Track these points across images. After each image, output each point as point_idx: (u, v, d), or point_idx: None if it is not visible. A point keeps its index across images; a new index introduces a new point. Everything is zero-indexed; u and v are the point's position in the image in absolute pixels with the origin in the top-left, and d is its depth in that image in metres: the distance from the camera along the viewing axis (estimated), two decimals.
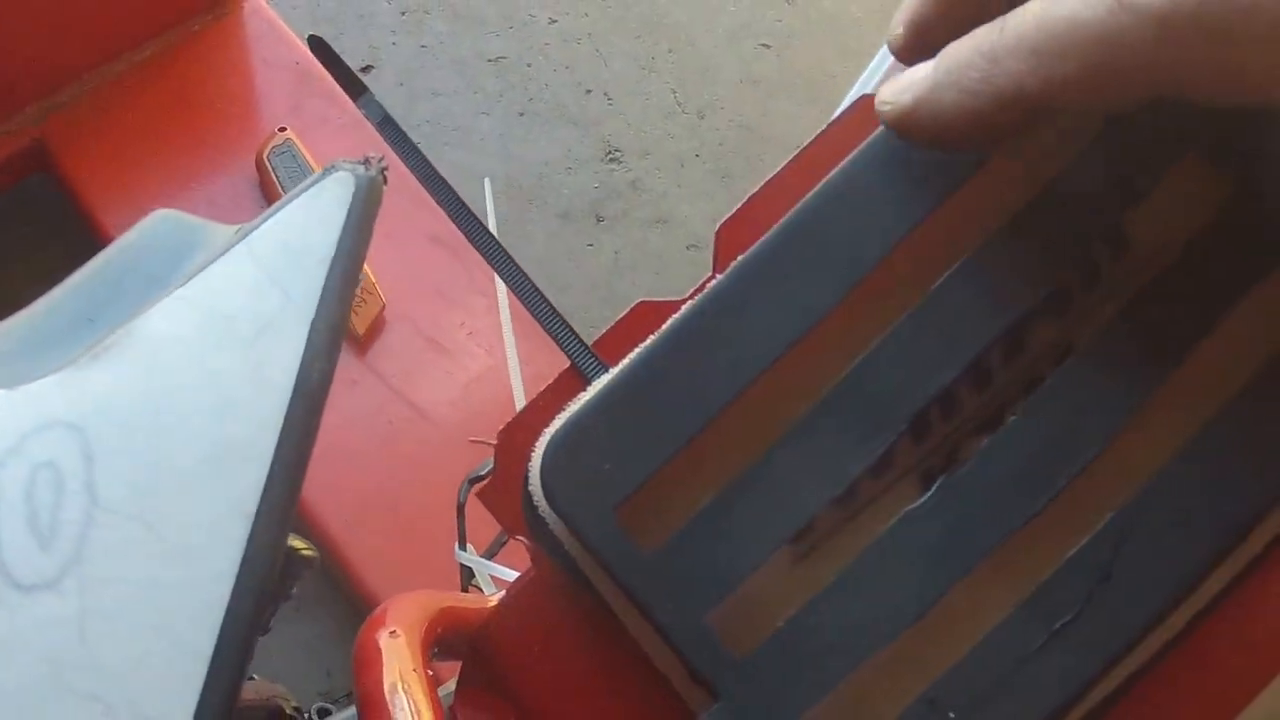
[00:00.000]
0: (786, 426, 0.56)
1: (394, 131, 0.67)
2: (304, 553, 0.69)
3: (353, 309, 1.50)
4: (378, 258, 1.55)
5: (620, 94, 2.09)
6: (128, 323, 0.56)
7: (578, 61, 2.11)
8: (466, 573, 0.94)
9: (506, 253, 0.65)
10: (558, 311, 0.65)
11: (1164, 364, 0.56)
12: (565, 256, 1.92)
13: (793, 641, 0.54)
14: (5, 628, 0.49)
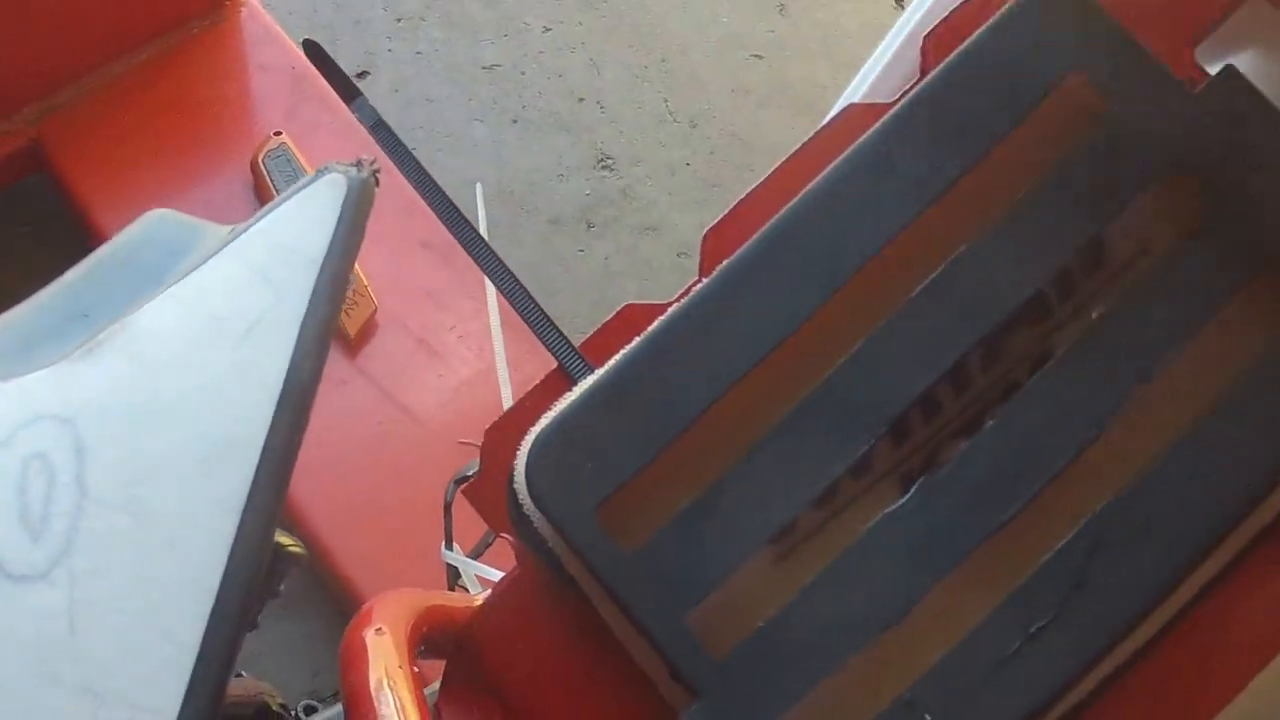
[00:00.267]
0: (768, 428, 0.57)
1: (387, 136, 0.67)
2: (292, 550, 0.69)
3: (345, 311, 1.50)
4: (370, 261, 1.55)
5: (613, 102, 2.09)
6: (121, 319, 0.57)
7: (571, 70, 2.11)
8: (453, 572, 0.95)
9: (496, 256, 0.66)
10: (545, 313, 0.65)
11: (1139, 373, 0.57)
12: (556, 262, 1.92)
13: (772, 642, 0.54)
14: None
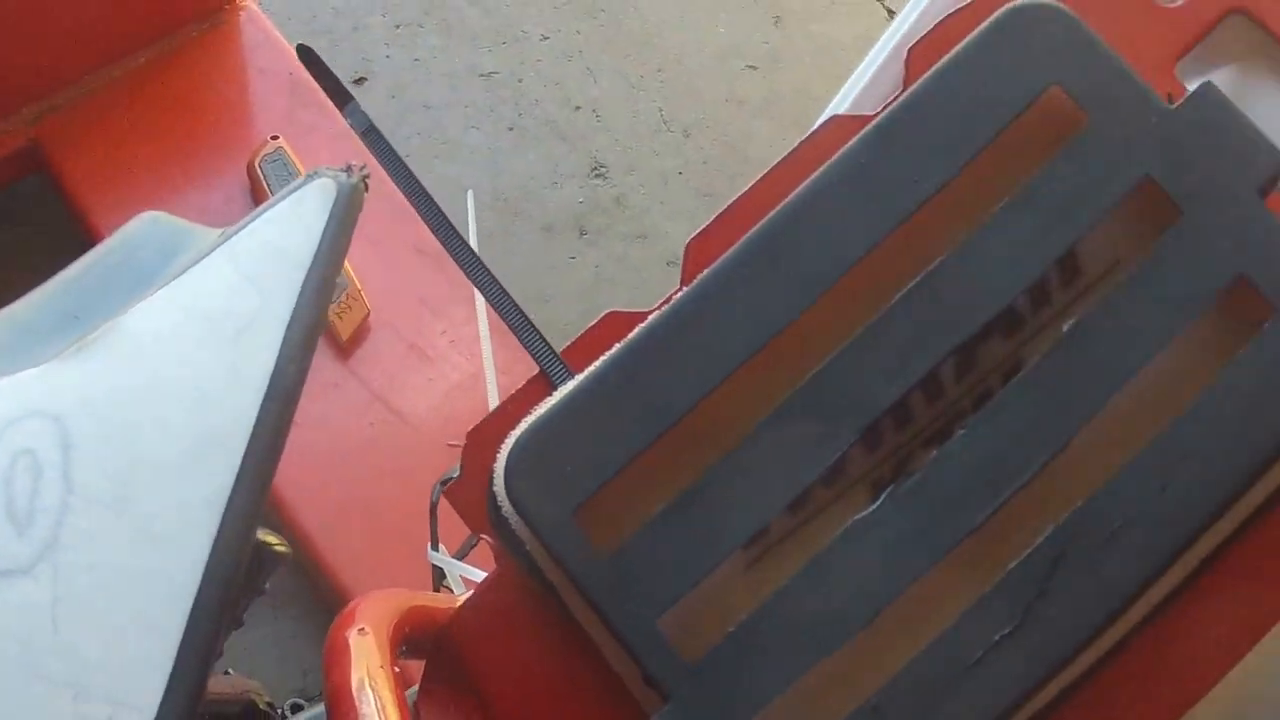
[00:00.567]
0: (743, 435, 0.58)
1: (378, 141, 0.68)
2: (277, 548, 0.70)
3: (338, 315, 1.51)
4: (364, 266, 1.56)
5: (608, 111, 2.10)
6: (111, 319, 0.58)
7: (568, 78, 2.12)
8: (438, 573, 0.95)
9: (480, 260, 0.66)
10: (528, 319, 0.66)
11: (1106, 386, 0.58)
12: (547, 269, 1.93)
13: (742, 646, 0.55)
14: None
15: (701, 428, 0.58)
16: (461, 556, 0.97)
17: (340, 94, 0.73)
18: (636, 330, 0.59)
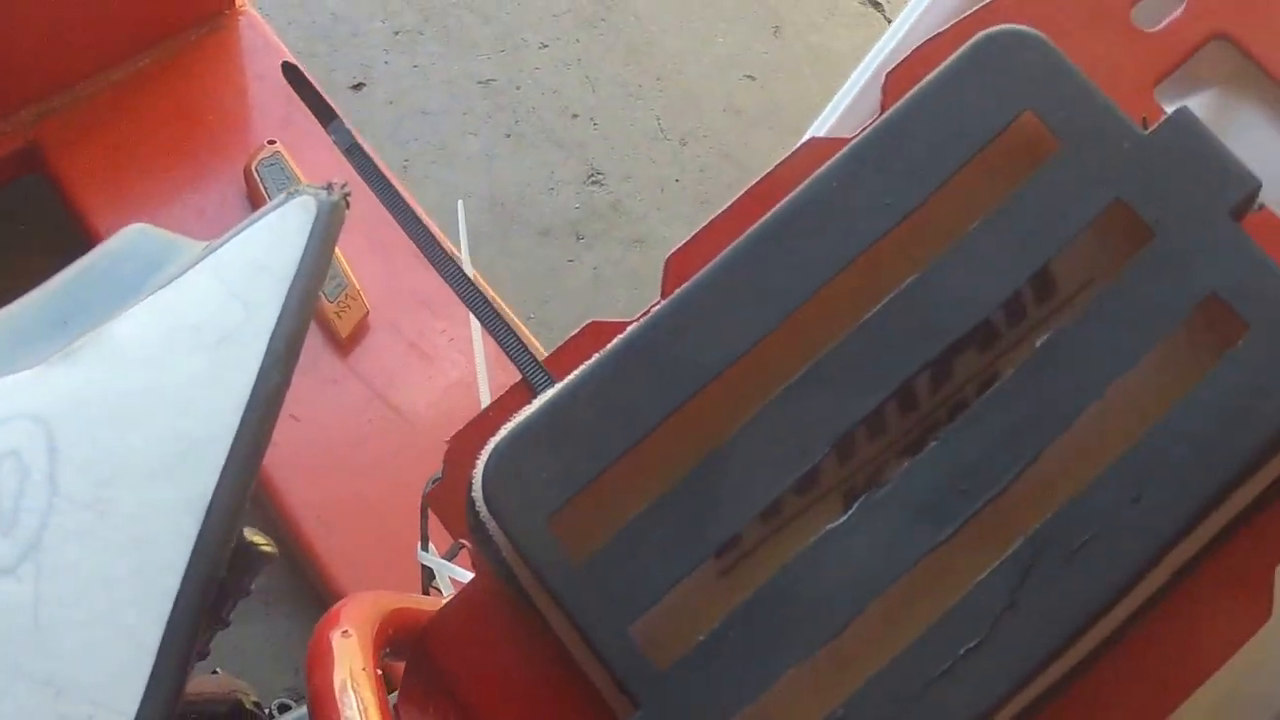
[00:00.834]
0: (717, 444, 0.59)
1: (361, 159, 0.70)
2: (263, 549, 0.71)
3: (336, 313, 1.52)
4: (364, 266, 1.58)
5: (606, 119, 2.11)
6: (98, 327, 0.59)
7: (566, 86, 2.13)
8: (427, 573, 0.96)
9: (462, 272, 0.68)
10: (510, 327, 0.67)
11: (1077, 400, 0.59)
12: (545, 272, 1.94)
13: (710, 656, 0.56)
14: None
15: (677, 437, 0.59)
16: (451, 557, 0.98)
17: (324, 112, 0.74)
18: (614, 341, 0.60)
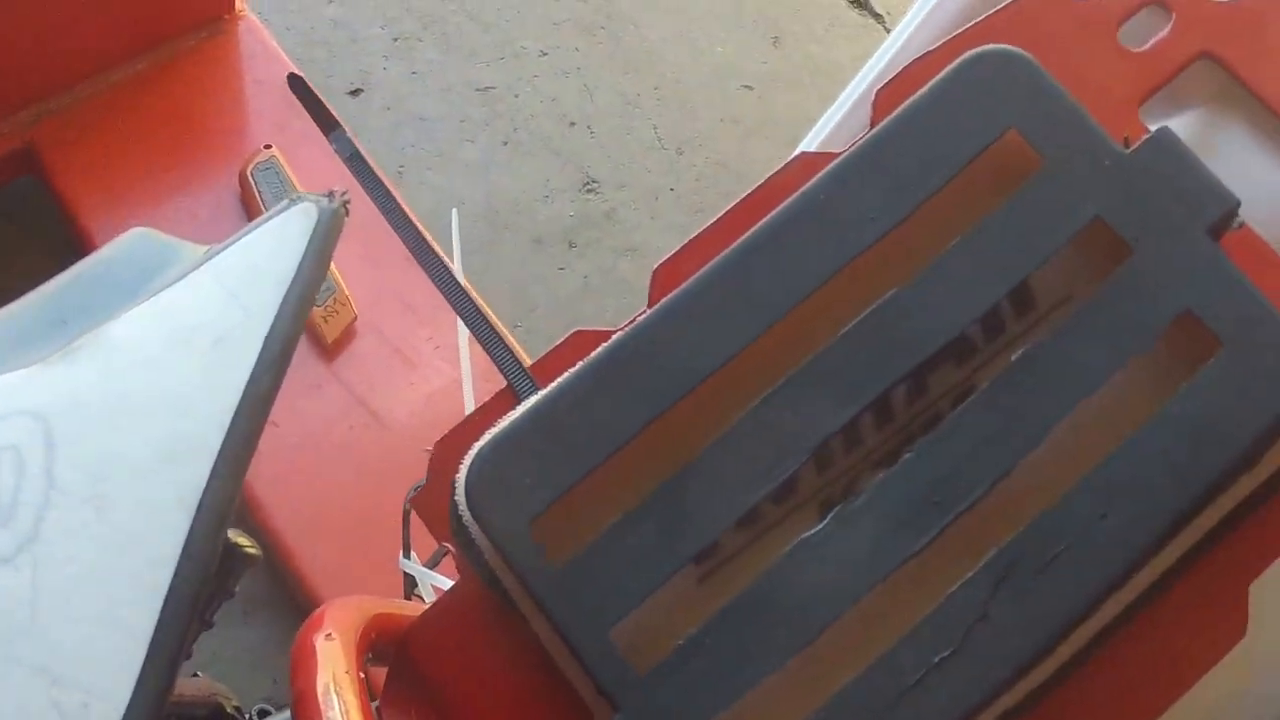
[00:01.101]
0: (698, 452, 0.61)
1: (361, 167, 0.72)
2: (247, 550, 0.73)
3: (324, 317, 1.54)
4: (353, 271, 1.59)
5: (603, 128, 2.14)
6: (97, 327, 0.62)
7: (564, 94, 2.16)
8: (410, 581, 0.98)
9: (454, 277, 0.70)
10: (498, 334, 0.70)
11: (1052, 414, 0.61)
12: (536, 279, 1.96)
13: (688, 661, 0.58)
14: None
15: (658, 445, 0.61)
16: (433, 565, 1.00)
17: (327, 122, 0.77)
18: (598, 349, 0.63)
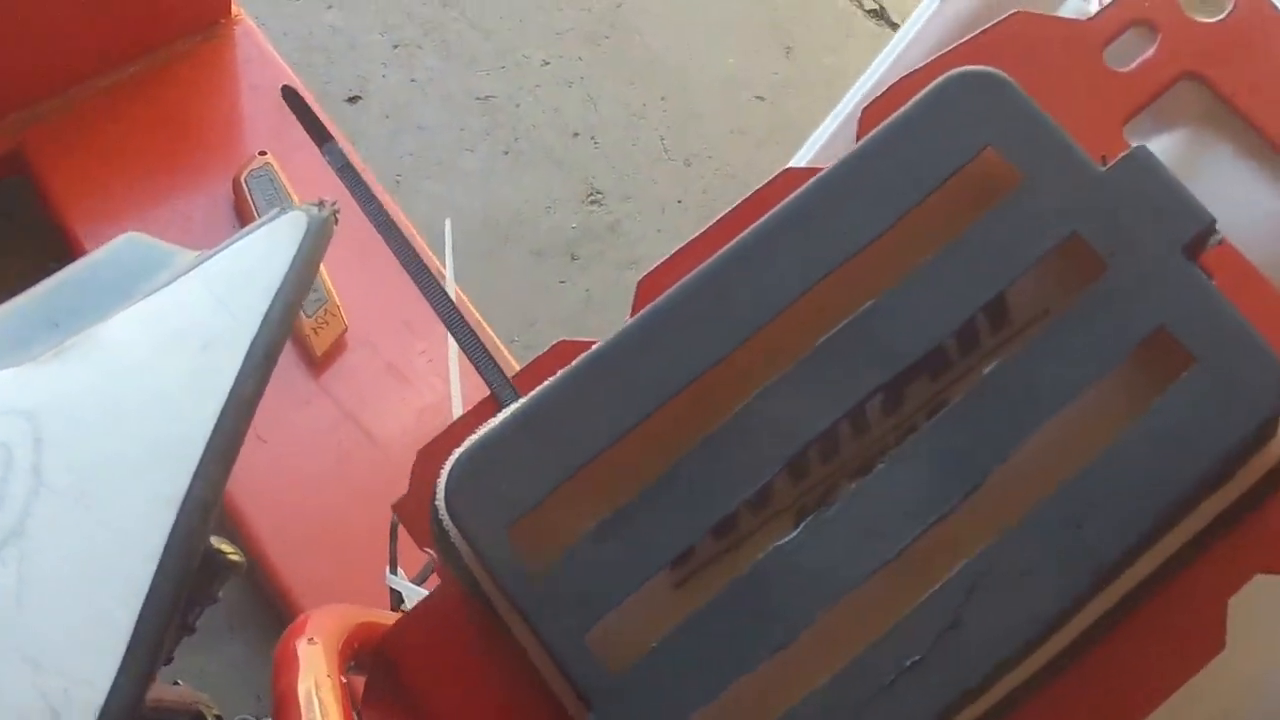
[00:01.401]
0: (675, 459, 0.64)
1: (354, 178, 0.76)
2: (231, 557, 0.76)
3: (313, 329, 1.55)
4: (345, 282, 1.61)
5: (607, 138, 2.16)
6: (88, 329, 0.66)
7: (567, 104, 2.18)
8: (396, 596, 1.02)
9: (436, 282, 0.74)
10: (480, 342, 0.73)
11: (1025, 427, 0.64)
12: (537, 292, 1.98)
13: (662, 663, 0.62)
14: None
15: (636, 452, 0.65)
16: (422, 580, 1.03)
17: (320, 133, 0.81)
18: (579, 358, 0.66)
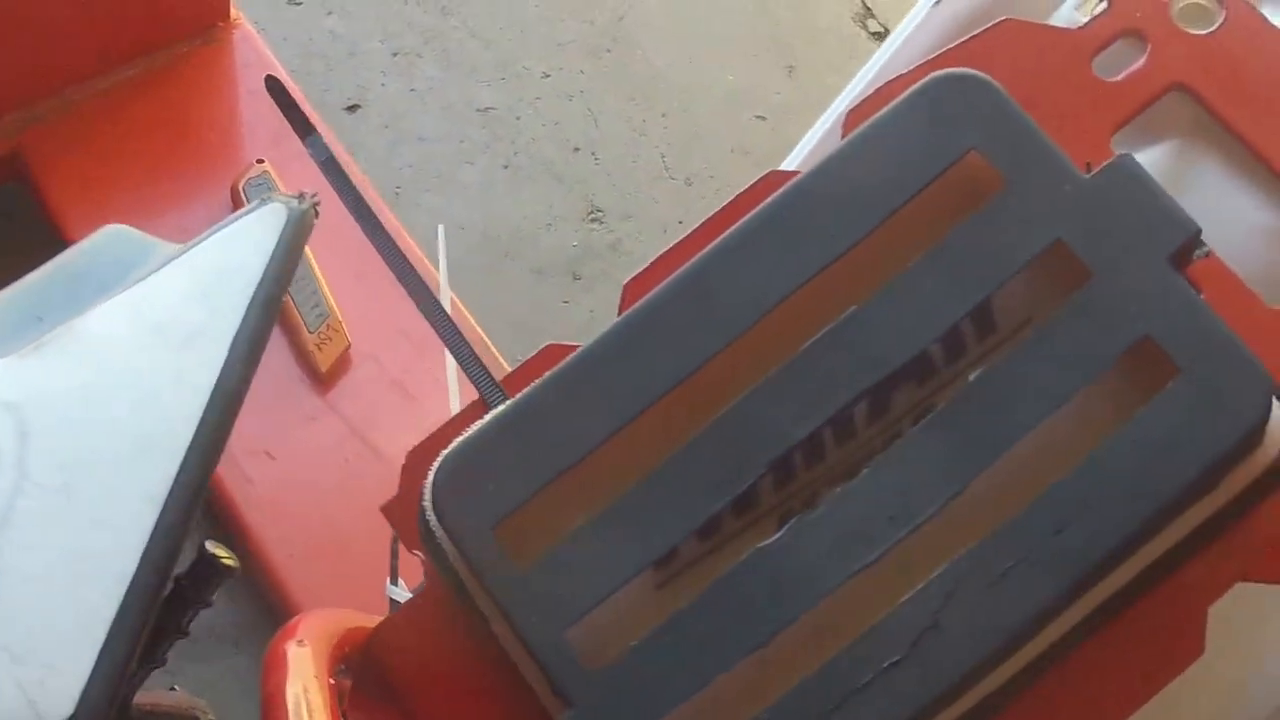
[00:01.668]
0: (659, 462, 0.66)
1: (336, 172, 0.77)
2: (225, 561, 0.78)
3: (317, 345, 1.57)
4: (348, 298, 1.62)
5: (608, 155, 2.17)
6: (70, 321, 0.67)
7: (568, 118, 2.19)
8: (394, 607, 1.02)
9: (424, 284, 0.75)
10: (467, 343, 0.75)
11: (1008, 434, 0.65)
12: (541, 312, 1.98)
13: (642, 661, 0.63)
14: None
15: (620, 454, 0.66)
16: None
17: (303, 126, 0.82)
18: (564, 361, 0.67)
